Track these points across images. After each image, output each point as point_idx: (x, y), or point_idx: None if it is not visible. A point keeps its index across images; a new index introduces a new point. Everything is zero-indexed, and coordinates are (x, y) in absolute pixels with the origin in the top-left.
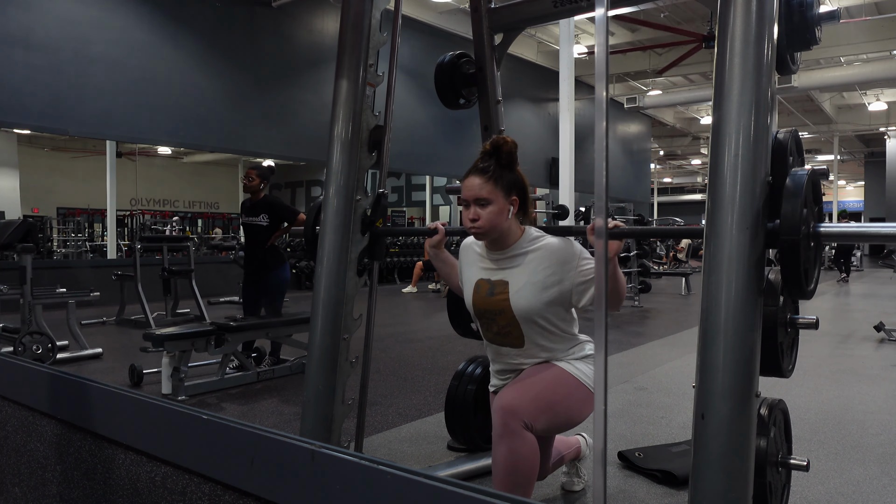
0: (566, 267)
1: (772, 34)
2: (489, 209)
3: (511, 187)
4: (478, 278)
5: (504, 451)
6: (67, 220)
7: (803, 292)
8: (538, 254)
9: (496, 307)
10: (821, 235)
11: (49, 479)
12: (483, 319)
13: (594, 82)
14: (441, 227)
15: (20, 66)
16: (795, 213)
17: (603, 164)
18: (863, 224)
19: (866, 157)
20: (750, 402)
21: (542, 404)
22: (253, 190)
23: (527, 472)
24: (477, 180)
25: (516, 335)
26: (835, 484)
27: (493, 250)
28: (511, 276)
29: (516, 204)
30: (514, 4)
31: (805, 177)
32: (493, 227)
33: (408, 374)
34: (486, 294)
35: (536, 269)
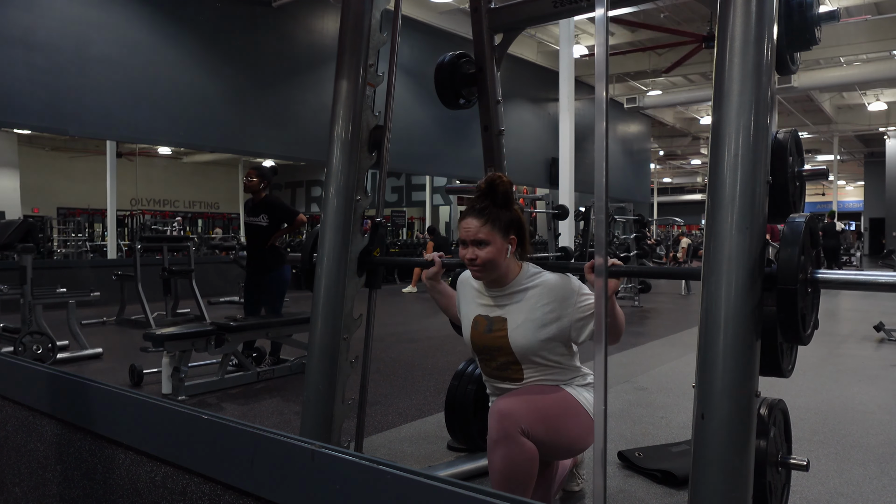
0: (565, 304)
1: (772, 34)
2: (487, 250)
3: (509, 227)
4: (476, 314)
5: (500, 458)
6: (67, 220)
7: (800, 338)
8: (536, 291)
9: (495, 344)
10: (818, 282)
11: (49, 479)
12: (482, 355)
13: (594, 82)
14: (438, 260)
15: (20, 66)
16: (792, 261)
17: (603, 164)
18: (861, 273)
19: (866, 157)
20: (750, 402)
21: (541, 414)
22: (253, 190)
23: (524, 479)
24: (474, 222)
25: (515, 371)
26: (835, 484)
27: (491, 287)
28: (509, 312)
29: (514, 243)
30: (514, 4)
31: (802, 224)
32: (491, 268)
33: (408, 374)
34: (484, 330)
35: (535, 307)
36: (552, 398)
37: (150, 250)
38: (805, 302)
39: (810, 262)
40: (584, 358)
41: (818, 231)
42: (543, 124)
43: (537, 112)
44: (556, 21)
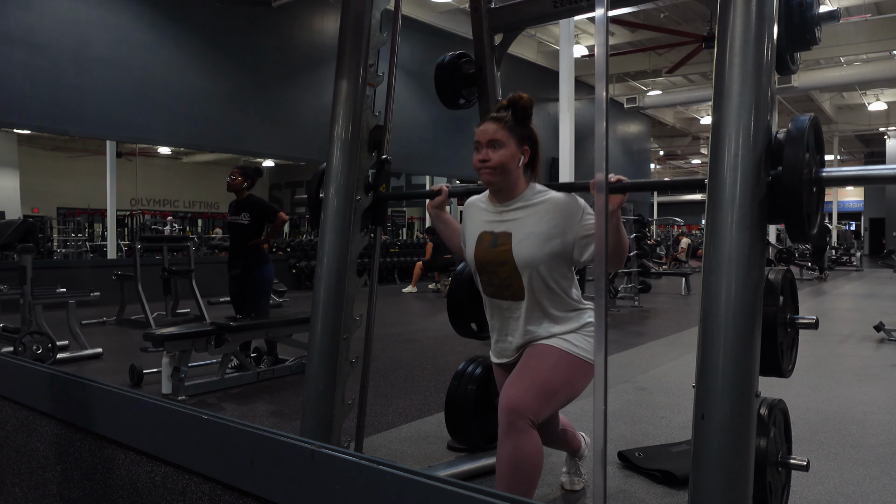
0: (570, 220)
1: (772, 34)
2: (501, 152)
3: (524, 139)
4: (481, 231)
5: (509, 449)
6: (67, 220)
7: (806, 236)
8: (542, 206)
9: (498, 259)
10: (823, 180)
11: (49, 479)
12: (484, 273)
13: (594, 82)
14: (445, 189)
15: (20, 66)
16: (798, 158)
17: (603, 164)
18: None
19: (866, 157)
20: (750, 402)
21: (545, 395)
22: (236, 189)
23: (530, 471)
24: (492, 125)
25: (517, 287)
26: (835, 484)
27: (497, 202)
28: (514, 227)
29: (527, 154)
30: (514, 4)
31: (807, 122)
32: (502, 170)
33: (408, 374)
34: (488, 246)
35: (540, 221)
36: (550, 369)
37: (149, 250)
38: (810, 199)
39: (815, 162)
40: None
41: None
42: (543, 124)
43: (537, 112)
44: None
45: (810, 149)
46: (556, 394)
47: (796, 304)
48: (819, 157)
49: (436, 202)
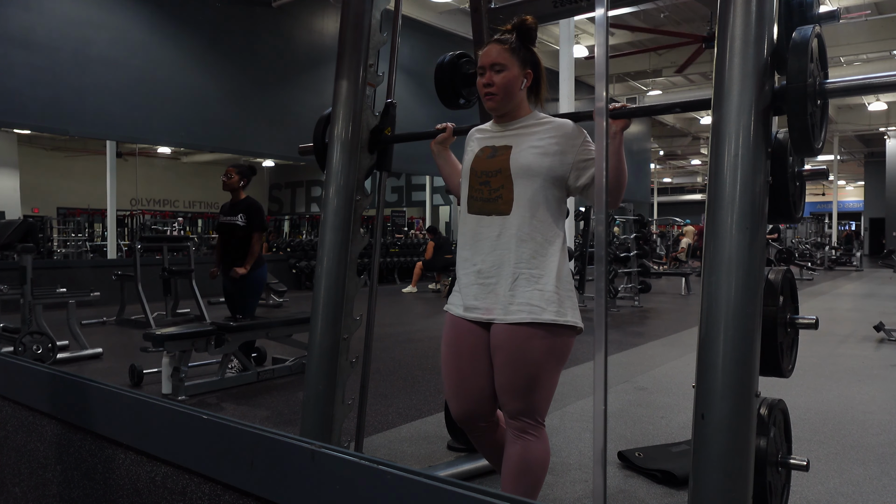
0: (570, 142)
1: (772, 34)
2: (504, 74)
3: (527, 61)
4: (482, 146)
5: (518, 450)
6: (67, 220)
7: (812, 149)
8: (545, 127)
9: (495, 167)
10: (827, 91)
11: (49, 479)
12: (476, 184)
13: (594, 82)
14: (450, 126)
15: (20, 66)
16: (802, 67)
17: (603, 164)
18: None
19: (866, 157)
20: (750, 402)
21: (546, 391)
22: (232, 188)
23: (538, 472)
24: (495, 47)
25: (507, 199)
26: (835, 484)
27: (501, 123)
28: (515, 141)
29: (530, 77)
30: (514, 4)
31: (810, 31)
32: (506, 93)
33: (408, 374)
34: (486, 157)
35: (542, 138)
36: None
37: (149, 250)
38: (815, 110)
39: (819, 73)
40: (585, 358)
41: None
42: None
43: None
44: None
45: (814, 59)
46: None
47: (796, 304)
48: (823, 70)
49: (439, 138)
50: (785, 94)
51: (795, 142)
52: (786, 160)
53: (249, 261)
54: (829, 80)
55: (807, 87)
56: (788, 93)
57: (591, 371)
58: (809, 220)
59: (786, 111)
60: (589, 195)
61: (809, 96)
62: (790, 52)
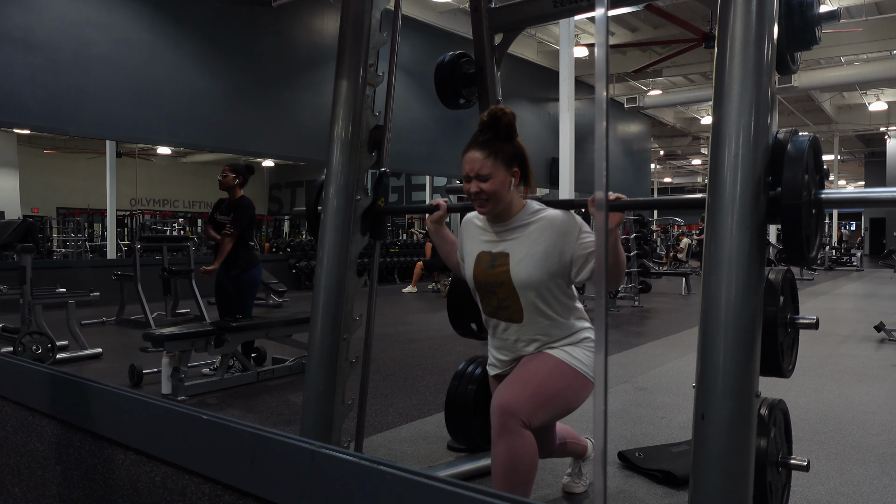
0: (567, 238)
1: (772, 34)
2: (491, 182)
3: (511, 159)
4: (479, 251)
5: (503, 451)
6: (67, 220)
7: (805, 259)
8: (539, 225)
9: (497, 279)
10: (822, 202)
11: (49, 479)
12: (483, 292)
13: (594, 82)
14: (443, 204)
15: (20, 66)
16: (797, 179)
17: (603, 164)
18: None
19: (866, 157)
20: (750, 402)
21: (540, 400)
22: (228, 187)
23: (526, 472)
24: (478, 154)
25: (516, 309)
26: (835, 484)
27: (494, 223)
28: (512, 247)
29: (517, 175)
30: (514, 4)
31: (806, 142)
32: (495, 201)
33: (408, 374)
34: (486, 266)
35: (537, 241)
36: (546, 375)
37: (149, 250)
38: (809, 222)
39: (814, 183)
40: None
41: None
42: (543, 124)
43: (537, 112)
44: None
45: (809, 170)
46: (550, 401)
47: (796, 304)
48: (819, 177)
49: (434, 217)
50: (779, 207)
51: (789, 252)
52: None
53: (219, 257)
54: (824, 192)
55: (801, 200)
56: (783, 208)
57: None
58: None
59: (780, 222)
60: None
61: (804, 209)
62: (785, 164)
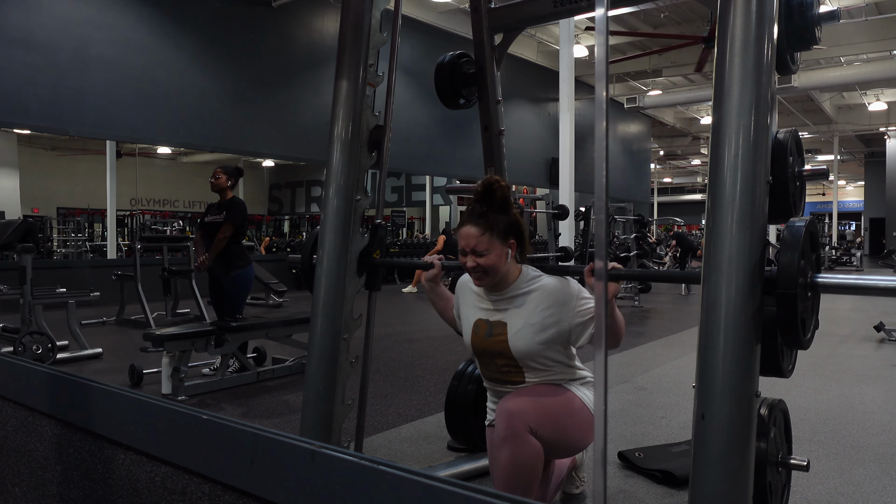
0: (564, 308)
1: (772, 34)
2: (487, 258)
3: (507, 232)
4: (476, 318)
5: (507, 455)
6: (67, 220)
7: (800, 343)
8: (536, 295)
9: (495, 348)
10: (818, 286)
11: (49, 479)
12: (482, 359)
13: (594, 82)
14: (437, 263)
15: (20, 66)
16: (792, 265)
17: (603, 163)
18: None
19: (866, 157)
20: (750, 402)
21: (548, 414)
22: (220, 188)
23: (528, 478)
24: (473, 230)
25: (516, 374)
26: (835, 484)
27: (491, 292)
28: (509, 317)
29: (514, 247)
30: (514, 4)
31: (802, 228)
32: (492, 275)
33: (408, 374)
34: (484, 335)
35: (534, 311)
36: (557, 399)
37: (149, 250)
38: (805, 306)
39: (810, 267)
40: (584, 358)
41: (818, 235)
42: (543, 124)
43: (537, 112)
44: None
45: (805, 255)
46: (557, 420)
47: None
48: (815, 259)
49: (429, 275)
50: (775, 290)
51: (784, 336)
52: (786, 160)
53: (213, 252)
54: (820, 276)
55: (797, 286)
56: (778, 294)
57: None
58: None
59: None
60: None
61: (800, 294)
62: (781, 248)
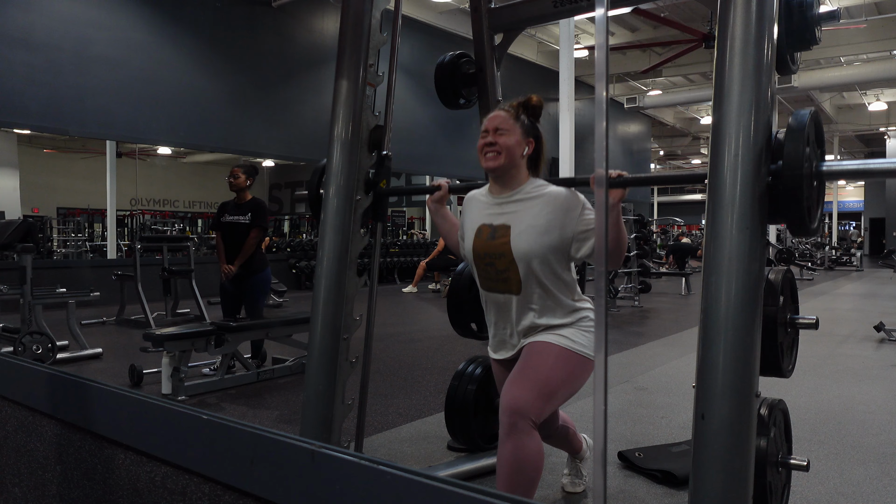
0: (569, 214)
1: (772, 34)
2: (507, 137)
3: (531, 131)
4: (480, 223)
5: (510, 449)
6: (67, 220)
7: (807, 230)
8: (542, 199)
9: (496, 250)
10: (823, 174)
11: (49, 479)
12: (482, 265)
13: (594, 82)
14: (444, 184)
15: (20, 66)
16: (799, 151)
17: (603, 163)
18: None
19: (866, 157)
20: (750, 402)
21: (547, 394)
22: (239, 188)
23: (531, 474)
24: (502, 113)
25: (514, 280)
26: (835, 484)
27: (497, 193)
28: (513, 219)
29: (531, 146)
30: (514, 4)
31: (807, 116)
32: (508, 155)
33: (408, 374)
34: (487, 238)
35: (539, 214)
36: (551, 367)
37: (149, 250)
38: (811, 193)
39: (815, 155)
40: None
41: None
42: (544, 124)
43: None
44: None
45: (811, 143)
46: (556, 392)
47: (796, 303)
48: (819, 151)
49: (435, 197)
50: (780, 179)
51: (791, 225)
52: None
53: (242, 257)
54: (825, 164)
55: (803, 172)
56: (784, 179)
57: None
58: None
59: (781, 195)
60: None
61: (805, 181)
62: (786, 138)
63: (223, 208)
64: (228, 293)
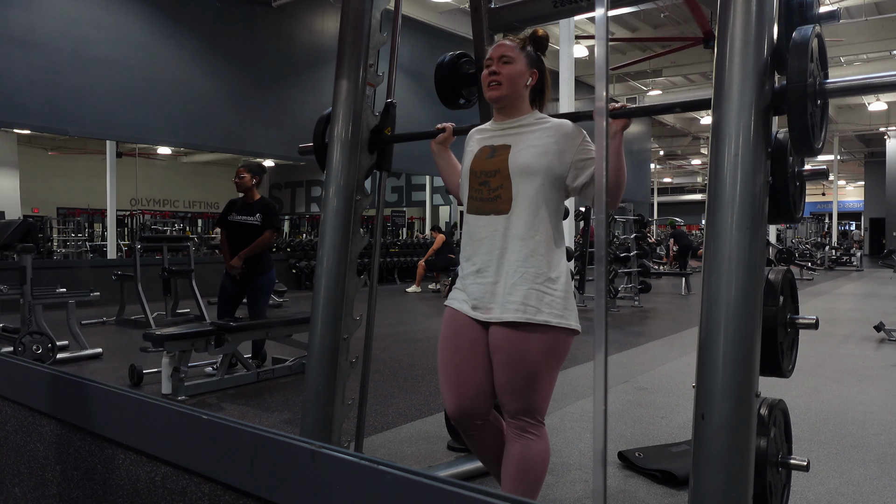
0: (569, 142)
1: (772, 34)
2: (511, 66)
3: (536, 63)
4: (482, 146)
5: (518, 449)
6: (67, 220)
7: (811, 149)
8: (545, 126)
9: (493, 167)
10: (827, 91)
11: (49, 479)
12: (475, 184)
13: (594, 82)
14: (449, 126)
15: (20, 66)
16: (803, 67)
17: (603, 164)
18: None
19: (866, 157)
20: (750, 402)
21: (545, 389)
22: (246, 188)
23: (539, 471)
24: (508, 42)
25: (505, 198)
26: (835, 484)
27: (501, 121)
28: (514, 140)
29: (535, 77)
30: (514, 4)
31: (810, 31)
32: (510, 84)
33: (408, 374)
34: (486, 157)
35: (540, 137)
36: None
37: (149, 250)
38: (815, 111)
39: (819, 72)
40: (585, 358)
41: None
42: None
43: None
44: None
45: (814, 59)
46: (552, 382)
47: (796, 304)
48: (823, 69)
49: (439, 139)
50: (785, 94)
51: (796, 142)
52: (786, 160)
53: (251, 252)
54: (829, 80)
55: (807, 87)
56: (788, 93)
57: (591, 371)
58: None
59: (786, 111)
60: (587, 195)
61: (810, 96)
62: (790, 52)
63: (231, 206)
64: (229, 293)
